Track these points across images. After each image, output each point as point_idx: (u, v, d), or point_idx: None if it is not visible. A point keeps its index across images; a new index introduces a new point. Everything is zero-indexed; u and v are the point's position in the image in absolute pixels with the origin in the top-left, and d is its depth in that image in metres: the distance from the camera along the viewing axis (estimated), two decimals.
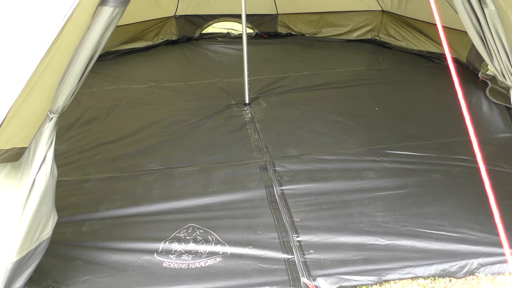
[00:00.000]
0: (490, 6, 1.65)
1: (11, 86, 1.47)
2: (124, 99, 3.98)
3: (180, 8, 5.42)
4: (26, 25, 1.47)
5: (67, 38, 1.50)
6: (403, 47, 5.02)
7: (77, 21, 1.48)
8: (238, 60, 4.40)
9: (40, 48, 1.44)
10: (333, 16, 5.42)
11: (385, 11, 5.22)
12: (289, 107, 3.77)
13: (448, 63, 1.43)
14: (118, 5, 1.54)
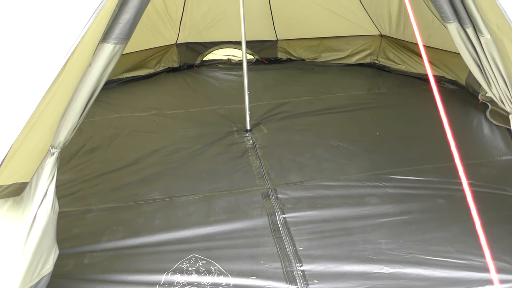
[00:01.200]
0: (485, 35, 1.67)
1: (13, 123, 1.48)
2: (126, 127, 4.00)
3: (181, 36, 5.51)
4: (29, 62, 1.49)
5: (69, 75, 1.52)
6: (403, 71, 5.07)
7: (78, 58, 1.50)
8: (239, 86, 4.44)
9: (42, 85, 1.46)
10: (332, 41, 5.49)
11: (384, 36, 5.29)
12: (290, 133, 3.78)
13: (430, 81, 1.42)
14: (119, 42, 1.57)
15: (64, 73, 1.49)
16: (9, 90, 1.48)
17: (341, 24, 5.29)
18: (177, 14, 5.21)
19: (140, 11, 1.55)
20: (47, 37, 1.48)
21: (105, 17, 1.50)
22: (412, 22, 1.54)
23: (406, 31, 4.90)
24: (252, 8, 4.70)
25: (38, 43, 1.50)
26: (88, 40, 1.49)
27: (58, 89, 1.51)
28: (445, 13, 1.67)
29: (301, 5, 5.22)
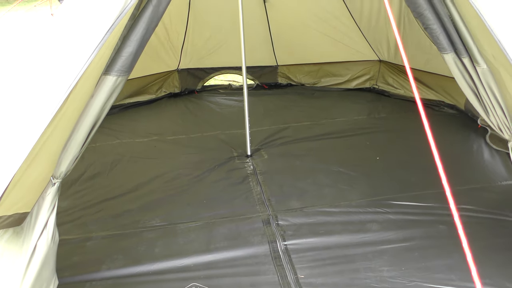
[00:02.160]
0: (482, 64, 1.70)
1: (15, 153, 1.50)
2: (127, 153, 4.01)
3: (183, 62, 5.57)
4: (32, 94, 1.52)
5: (71, 106, 1.54)
6: (402, 95, 5.11)
7: (81, 90, 1.53)
8: (239, 111, 4.47)
9: (45, 117, 1.48)
10: (331, 66, 5.55)
11: (382, 61, 5.35)
12: (291, 158, 3.79)
13: (417, 104, 1.44)
14: (121, 74, 1.59)
15: (66, 104, 1.51)
16: (13, 122, 1.50)
17: (340, 49, 5.37)
18: (178, 40, 5.29)
19: (142, 44, 1.58)
20: (51, 70, 1.51)
21: (107, 50, 1.54)
22: (398, 43, 1.56)
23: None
24: (253, 34, 4.77)
25: (41, 76, 1.53)
26: (91, 73, 1.52)
27: (60, 120, 1.53)
28: (442, 44, 1.71)
29: (301, 31, 5.31)
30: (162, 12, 1.61)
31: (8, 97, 1.54)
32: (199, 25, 5.23)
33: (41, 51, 1.63)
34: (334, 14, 5.06)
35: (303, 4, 5.02)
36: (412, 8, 1.73)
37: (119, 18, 1.45)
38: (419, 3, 1.68)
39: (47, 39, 1.67)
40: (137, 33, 1.58)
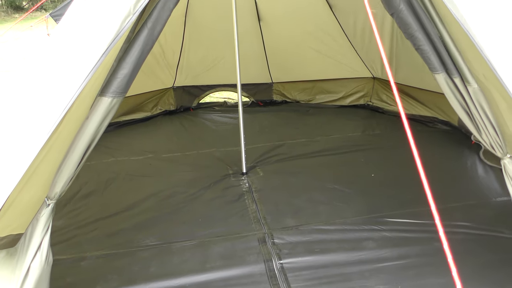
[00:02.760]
0: (473, 84, 1.73)
1: (10, 175, 1.50)
2: (122, 171, 4.01)
3: (178, 79, 5.61)
4: (27, 115, 1.52)
5: (67, 128, 1.55)
6: (396, 112, 5.15)
7: (76, 111, 1.54)
8: (234, 128, 4.49)
9: (40, 138, 1.48)
10: (326, 83, 5.60)
11: (376, 78, 5.40)
12: (286, 176, 3.79)
13: (402, 118, 1.45)
14: (116, 96, 1.61)
15: (62, 125, 1.51)
16: (7, 143, 1.50)
17: (335, 67, 5.42)
18: (174, 58, 5.33)
19: (137, 66, 1.60)
20: (46, 91, 1.52)
21: (103, 71, 1.55)
22: (382, 56, 1.58)
23: (398, 73, 5.01)
24: (248, 52, 4.82)
25: (37, 96, 1.54)
26: (86, 94, 1.53)
27: (55, 141, 1.53)
28: (433, 64, 1.73)
29: (295, 49, 5.36)
30: (157, 35, 1.63)
31: (3, 118, 1.55)
32: (194, 43, 5.28)
33: (37, 72, 1.64)
34: (328, 32, 5.13)
35: (297, 22, 5.08)
36: (403, 29, 1.76)
37: (114, 40, 1.47)
38: (409, 24, 1.72)
39: (43, 60, 1.68)
40: (133, 55, 1.60)
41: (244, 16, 4.63)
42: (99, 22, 1.51)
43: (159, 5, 1.60)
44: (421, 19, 1.71)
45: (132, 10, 1.50)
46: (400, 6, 1.69)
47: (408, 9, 1.69)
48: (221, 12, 4.57)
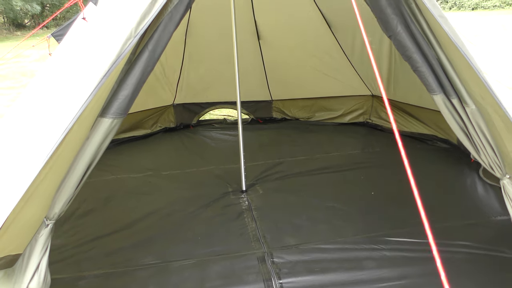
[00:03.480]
0: (470, 105, 1.74)
1: (9, 196, 1.50)
2: (121, 189, 4.00)
3: (178, 97, 5.64)
4: (28, 136, 1.53)
5: (67, 148, 1.56)
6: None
7: (77, 132, 1.55)
8: (234, 146, 4.49)
9: (40, 159, 1.49)
10: (325, 101, 5.63)
11: (375, 96, 5.43)
12: (286, 194, 3.78)
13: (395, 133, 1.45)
14: (117, 117, 1.62)
15: (62, 146, 1.52)
16: (7, 164, 1.51)
17: (334, 85, 5.45)
18: (174, 76, 5.37)
19: (138, 87, 1.61)
20: (47, 112, 1.53)
21: (104, 93, 1.56)
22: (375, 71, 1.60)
23: (397, 91, 5.04)
24: (247, 70, 4.86)
25: (38, 117, 1.55)
26: (87, 115, 1.54)
27: (55, 161, 1.54)
28: (431, 86, 1.75)
29: (294, 67, 5.41)
30: (158, 57, 1.65)
31: (4, 139, 1.56)
32: (194, 61, 5.33)
33: (38, 93, 1.66)
34: (327, 50, 5.18)
35: (296, 41, 5.14)
36: (401, 51, 1.79)
37: (115, 63, 1.48)
38: (407, 46, 1.74)
39: (45, 80, 1.70)
40: (133, 77, 1.61)
41: (243, 35, 4.69)
42: (100, 44, 1.53)
43: (160, 28, 1.62)
44: (419, 41, 1.73)
45: (133, 33, 1.52)
46: (398, 28, 1.71)
47: (405, 32, 1.71)
48: (221, 31, 4.62)
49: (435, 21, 1.62)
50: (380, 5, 1.68)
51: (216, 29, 4.91)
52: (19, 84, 9.93)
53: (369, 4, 1.72)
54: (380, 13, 1.70)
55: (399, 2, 1.68)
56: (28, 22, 26.87)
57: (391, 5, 1.66)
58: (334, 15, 4.86)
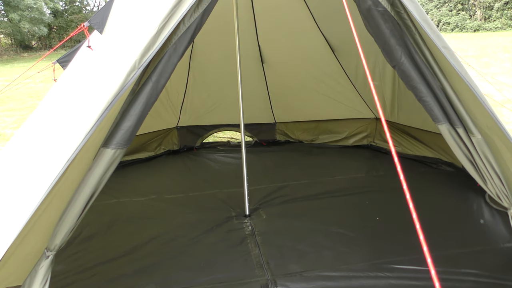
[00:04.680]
0: (476, 135, 1.73)
1: (10, 227, 1.48)
2: (124, 213, 3.98)
3: (182, 119, 5.66)
4: (30, 167, 1.52)
5: (69, 179, 1.54)
6: (399, 152, 5.13)
7: (79, 162, 1.54)
8: (238, 169, 4.47)
9: (42, 190, 1.47)
10: (329, 123, 5.63)
11: (379, 119, 5.42)
12: (290, 218, 3.74)
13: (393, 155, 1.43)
14: (119, 147, 1.61)
15: (64, 177, 1.51)
16: (8, 195, 1.50)
17: (337, 107, 5.46)
18: (178, 99, 5.40)
19: (141, 118, 1.61)
20: (50, 143, 1.52)
21: (107, 123, 1.56)
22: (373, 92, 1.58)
23: (401, 114, 5.04)
24: (251, 92, 4.88)
25: (41, 148, 1.55)
26: (90, 146, 1.53)
27: (57, 193, 1.53)
28: (436, 116, 1.74)
29: (298, 90, 5.43)
30: (161, 88, 1.65)
31: (6, 169, 1.55)
32: (198, 84, 5.36)
33: (42, 123, 1.65)
34: (330, 74, 5.20)
35: (299, 64, 5.17)
36: (405, 81, 1.78)
37: (119, 94, 1.48)
38: (412, 76, 1.73)
39: (48, 110, 1.70)
40: (137, 108, 1.61)
41: (247, 58, 4.73)
42: (104, 76, 1.53)
43: (164, 60, 1.63)
44: (423, 71, 1.73)
45: (137, 65, 1.52)
46: (402, 59, 1.71)
47: (409, 62, 1.71)
48: (225, 54, 4.66)
49: (439, 52, 1.61)
50: (384, 36, 1.68)
51: (220, 52, 4.95)
52: (23, 105, 10.00)
53: (373, 35, 1.72)
54: (384, 44, 1.70)
55: (403, 33, 1.68)
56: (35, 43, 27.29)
57: (395, 36, 1.66)
58: (337, 40, 4.90)
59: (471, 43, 19.57)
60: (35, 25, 23.44)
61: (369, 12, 1.63)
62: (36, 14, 23.31)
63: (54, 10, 26.69)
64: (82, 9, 30.71)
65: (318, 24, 4.82)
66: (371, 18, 1.64)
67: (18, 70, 17.81)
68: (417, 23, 1.62)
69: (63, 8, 29.00)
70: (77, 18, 28.53)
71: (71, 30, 27.58)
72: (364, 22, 1.70)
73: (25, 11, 22.72)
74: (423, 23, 1.60)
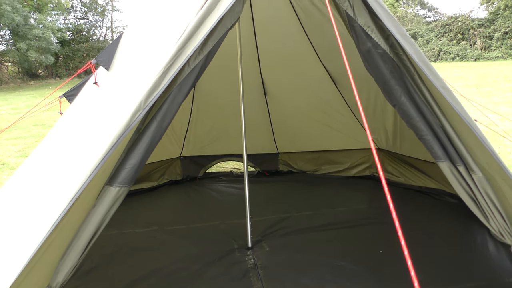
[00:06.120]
0: (477, 172, 1.74)
1: (12, 266, 1.48)
2: (126, 244, 3.95)
3: (185, 149, 5.69)
4: (34, 205, 1.54)
5: (73, 217, 1.56)
6: (402, 183, 5.13)
7: (83, 200, 1.55)
8: (240, 199, 4.46)
9: (45, 228, 1.48)
10: (331, 154, 5.65)
11: (381, 149, 5.44)
12: (292, 251, 3.72)
13: (383, 186, 1.43)
14: (123, 186, 1.63)
15: (68, 215, 1.52)
16: (11, 233, 1.51)
17: (340, 138, 5.50)
18: (181, 130, 5.45)
19: (145, 157, 1.64)
20: (55, 181, 1.54)
21: (112, 162, 1.58)
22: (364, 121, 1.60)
23: (403, 145, 5.06)
24: (254, 123, 4.93)
25: (45, 186, 1.56)
26: (94, 184, 1.55)
27: (61, 230, 1.54)
28: (436, 153, 1.76)
29: (300, 121, 5.48)
30: (166, 128, 1.68)
31: (10, 205, 1.56)
32: (202, 115, 5.42)
33: (47, 159, 1.68)
34: (332, 105, 5.26)
35: (302, 96, 5.24)
36: (406, 120, 1.81)
37: (124, 134, 1.51)
38: (411, 115, 1.76)
39: (53, 146, 1.73)
40: (141, 147, 1.64)
41: (250, 90, 4.80)
42: (109, 115, 1.57)
43: (169, 100, 1.67)
44: (423, 110, 1.76)
45: (143, 105, 1.56)
46: (402, 98, 1.74)
47: (409, 101, 1.74)
48: (228, 86, 4.73)
49: (438, 92, 1.65)
50: (383, 77, 1.72)
51: (224, 84, 5.03)
52: (28, 133, 10.08)
53: (373, 75, 1.76)
54: (384, 84, 1.74)
55: (402, 74, 1.72)
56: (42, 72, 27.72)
57: (395, 76, 1.70)
58: (338, 72, 4.97)
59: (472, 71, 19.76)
60: (42, 54, 23.88)
61: (369, 53, 1.67)
62: (43, 44, 23.78)
63: (61, 39, 27.23)
64: (88, 38, 31.34)
65: (320, 57, 4.91)
66: (371, 59, 1.68)
67: (23, 98, 18.04)
68: (415, 64, 1.66)
69: (70, 38, 29.60)
70: (84, 48, 29.10)
71: (78, 59, 28.09)
72: (364, 63, 1.74)
73: (32, 41, 23.19)
74: (422, 64, 1.64)
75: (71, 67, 28.11)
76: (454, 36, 28.52)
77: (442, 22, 30.47)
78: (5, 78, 24.97)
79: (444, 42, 28.61)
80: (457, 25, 28.57)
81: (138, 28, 2.80)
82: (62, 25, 29.66)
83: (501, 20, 27.84)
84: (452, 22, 29.13)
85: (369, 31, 1.72)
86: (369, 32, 1.71)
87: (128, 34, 2.71)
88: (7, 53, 25.13)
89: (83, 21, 32.14)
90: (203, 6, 1.67)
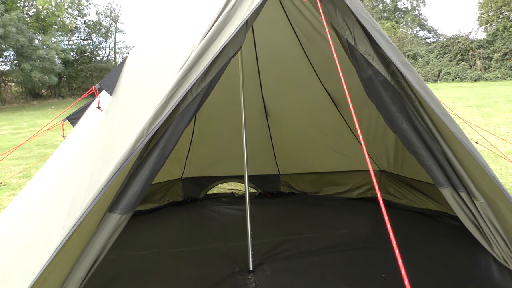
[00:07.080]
0: (480, 198, 1.74)
1: None
2: (126, 268, 3.92)
3: (187, 171, 5.69)
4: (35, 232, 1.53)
5: (74, 244, 1.55)
6: (403, 205, 5.11)
7: (85, 227, 1.55)
8: (241, 221, 4.43)
9: (46, 255, 1.48)
10: (333, 175, 5.64)
11: (383, 171, 5.43)
12: (294, 275, 3.68)
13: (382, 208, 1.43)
14: (125, 212, 1.63)
15: (69, 242, 1.52)
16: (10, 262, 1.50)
17: (341, 159, 5.50)
18: (183, 152, 5.46)
19: (147, 183, 1.64)
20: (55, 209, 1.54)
21: (114, 188, 1.59)
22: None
23: (405, 166, 5.05)
24: (255, 145, 4.94)
25: (46, 213, 1.56)
26: (96, 211, 1.55)
27: (61, 258, 1.53)
28: (438, 179, 1.76)
29: (302, 142, 5.49)
30: (168, 154, 1.69)
31: (11, 236, 1.56)
32: (203, 137, 5.44)
33: (48, 185, 1.68)
34: (334, 127, 5.28)
35: (303, 118, 5.26)
36: (407, 146, 1.81)
37: (126, 161, 1.52)
38: (413, 142, 1.77)
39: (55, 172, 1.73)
40: (143, 174, 1.64)
41: (252, 112, 4.82)
42: (112, 141, 1.58)
43: (172, 127, 1.68)
44: (424, 137, 1.77)
45: (146, 133, 1.57)
46: (403, 125, 1.75)
47: (410, 128, 1.75)
48: (230, 108, 4.76)
49: (439, 119, 1.66)
50: (384, 104, 1.74)
51: (225, 106, 5.06)
52: (30, 154, 10.10)
53: (374, 102, 1.78)
54: (385, 111, 1.75)
55: (403, 101, 1.73)
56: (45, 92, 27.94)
57: (396, 103, 1.72)
58: (340, 95, 5.01)
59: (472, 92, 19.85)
60: (46, 74, 24.10)
61: (370, 81, 1.69)
62: (47, 64, 24.02)
63: (64, 60, 27.52)
64: (92, 59, 31.67)
65: (322, 81, 4.95)
66: (372, 86, 1.70)
67: (26, 118, 18.13)
68: (416, 91, 1.68)
69: (73, 58, 29.91)
70: (87, 68, 29.39)
71: (81, 79, 28.34)
72: (365, 90, 1.76)
73: (36, 61, 23.44)
74: (422, 91, 1.66)
75: (74, 87, 28.35)
76: (454, 57, 28.74)
77: (442, 43, 30.76)
78: (8, 98, 25.17)
79: (444, 63, 28.83)
80: (456, 46, 28.83)
81: (142, 53, 2.84)
82: (66, 46, 30.02)
83: (500, 41, 28.12)
84: (452, 43, 29.40)
85: (370, 59, 1.75)
86: (370, 60, 1.74)
87: (132, 59, 2.74)
88: (11, 73, 25.38)
89: (86, 42, 32.54)
90: (207, 35, 1.70)
